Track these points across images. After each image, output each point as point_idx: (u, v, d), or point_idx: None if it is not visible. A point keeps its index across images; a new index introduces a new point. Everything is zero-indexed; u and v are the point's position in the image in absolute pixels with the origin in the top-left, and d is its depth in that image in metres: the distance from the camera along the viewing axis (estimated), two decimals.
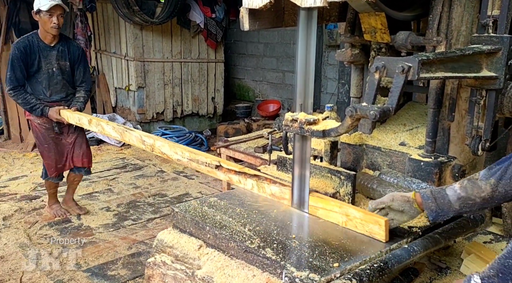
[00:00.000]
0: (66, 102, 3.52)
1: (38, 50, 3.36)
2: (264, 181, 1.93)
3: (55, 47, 3.42)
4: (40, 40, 3.38)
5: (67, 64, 3.49)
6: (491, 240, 2.10)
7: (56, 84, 3.48)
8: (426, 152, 1.96)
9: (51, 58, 3.41)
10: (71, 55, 3.51)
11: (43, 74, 3.41)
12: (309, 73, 1.71)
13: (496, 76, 1.64)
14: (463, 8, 1.79)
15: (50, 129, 3.51)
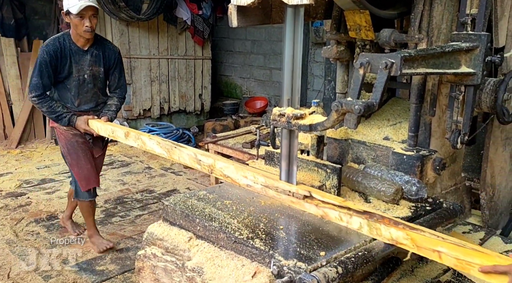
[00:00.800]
0: (95, 112, 3.09)
1: (69, 54, 2.91)
2: (380, 221, 1.52)
3: (89, 51, 2.96)
4: (72, 42, 2.92)
5: (100, 70, 3.03)
6: (470, 230, 2.19)
7: (87, 93, 3.03)
8: (409, 146, 2.03)
9: (84, 64, 2.96)
10: (106, 59, 3.04)
11: (73, 80, 2.98)
12: (296, 69, 1.76)
13: (474, 72, 1.71)
14: (444, 7, 1.86)
15: (78, 135, 3.05)
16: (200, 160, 2.09)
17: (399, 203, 1.88)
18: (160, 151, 2.36)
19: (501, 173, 2.32)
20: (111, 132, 2.83)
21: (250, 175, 1.90)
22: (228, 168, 1.97)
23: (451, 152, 2.19)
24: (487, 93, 1.91)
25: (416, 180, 1.91)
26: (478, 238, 2.12)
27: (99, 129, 2.93)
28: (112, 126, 2.84)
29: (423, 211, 1.82)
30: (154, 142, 2.39)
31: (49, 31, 7.20)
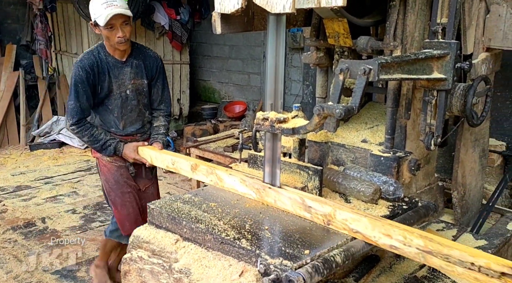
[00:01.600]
0: (142, 134, 2.71)
1: (107, 68, 2.53)
2: None
3: (128, 62, 2.57)
4: (108, 54, 2.53)
5: (144, 83, 2.64)
6: (443, 228, 2.30)
7: (131, 112, 2.63)
8: (386, 148, 2.12)
9: (124, 78, 2.57)
10: (148, 70, 2.66)
11: (115, 99, 2.58)
12: (278, 75, 1.82)
13: (445, 78, 1.82)
14: (416, 16, 1.96)
15: (123, 168, 2.66)
16: (311, 207, 1.69)
17: (378, 203, 1.96)
18: (245, 191, 1.94)
19: (471, 173, 2.44)
20: (170, 163, 2.32)
21: (398, 234, 1.38)
22: (358, 221, 1.53)
23: (425, 153, 2.29)
24: (457, 97, 2.02)
25: (393, 181, 2.00)
26: (451, 235, 2.23)
27: (154, 158, 2.49)
28: (172, 156, 2.34)
29: (400, 209, 1.91)
30: (237, 180, 1.95)
31: (22, 35, 7.08)
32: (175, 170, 2.32)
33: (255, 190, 1.91)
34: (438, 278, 1.84)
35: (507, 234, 2.27)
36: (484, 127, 2.46)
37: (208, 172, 2.10)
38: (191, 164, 2.20)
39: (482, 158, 2.52)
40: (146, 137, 2.72)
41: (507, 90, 3.22)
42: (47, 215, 3.93)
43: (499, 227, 2.34)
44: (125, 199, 2.67)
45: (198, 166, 2.16)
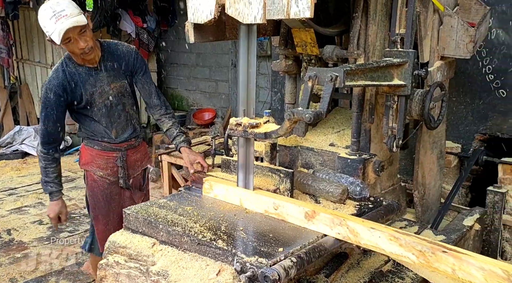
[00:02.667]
0: (136, 139, 2.59)
1: (80, 80, 2.34)
2: None
3: (102, 67, 2.38)
4: (77, 65, 2.35)
5: (125, 84, 2.46)
6: (406, 225, 2.44)
7: (119, 118, 2.47)
8: (352, 150, 2.24)
9: (102, 84, 2.39)
10: (126, 68, 2.45)
11: (99, 109, 2.42)
12: (250, 82, 1.90)
13: (405, 84, 1.96)
14: (377, 27, 2.10)
15: (114, 184, 2.53)
16: None
17: (345, 203, 2.06)
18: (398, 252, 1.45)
19: (430, 174, 2.61)
20: (271, 208, 1.84)
21: None
22: None
23: (388, 155, 2.43)
24: (416, 102, 2.17)
25: (359, 181, 2.12)
26: (413, 231, 2.37)
27: (245, 200, 1.94)
28: (273, 198, 1.86)
29: (366, 208, 2.02)
30: (383, 236, 1.46)
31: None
32: (278, 216, 1.84)
33: (416, 253, 1.42)
34: (401, 272, 1.97)
35: (463, 230, 2.44)
36: (441, 130, 2.63)
37: (333, 222, 1.65)
38: (306, 211, 1.74)
39: (440, 159, 2.70)
40: (140, 141, 2.62)
41: (461, 95, 3.45)
42: (12, 226, 3.82)
43: (456, 223, 2.51)
44: (109, 217, 2.54)
45: (318, 214, 1.71)
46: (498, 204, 2.88)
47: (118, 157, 2.52)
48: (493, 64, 3.27)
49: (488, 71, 3.29)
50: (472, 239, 2.57)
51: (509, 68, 3.23)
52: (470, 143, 3.43)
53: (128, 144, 2.55)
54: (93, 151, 2.51)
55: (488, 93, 3.33)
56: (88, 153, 2.52)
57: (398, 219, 2.56)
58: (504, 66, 3.25)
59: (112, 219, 2.53)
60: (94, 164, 2.52)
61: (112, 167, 2.51)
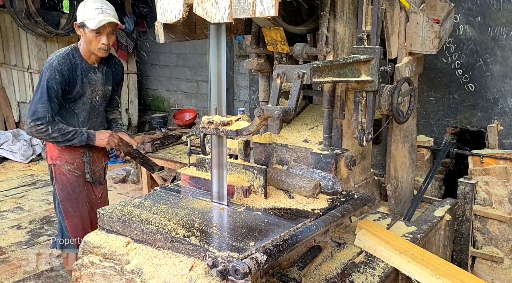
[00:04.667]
0: None
1: (81, 72, 2.49)
2: None
3: (100, 68, 2.58)
4: (82, 58, 2.51)
5: (109, 89, 2.67)
6: (379, 218, 2.51)
7: (97, 117, 2.64)
8: (324, 146, 2.29)
9: (96, 83, 2.57)
10: (115, 76, 2.70)
11: (84, 104, 2.55)
12: (221, 80, 1.93)
13: (372, 80, 2.01)
14: (345, 24, 2.16)
15: (81, 177, 2.62)
16: None
17: (318, 197, 2.11)
18: None
19: (402, 167, 2.68)
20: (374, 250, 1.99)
21: None
22: None
23: (360, 150, 2.49)
24: (385, 97, 2.23)
25: (331, 176, 2.17)
26: (386, 223, 2.43)
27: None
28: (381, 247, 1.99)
29: (338, 202, 2.07)
30: None
31: None
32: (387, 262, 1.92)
33: None
34: (373, 262, 2.02)
35: (434, 220, 2.51)
36: (411, 124, 2.71)
37: None
38: None
39: (412, 153, 2.77)
40: None
41: (431, 90, 3.54)
42: None
43: (427, 214, 2.58)
44: (79, 209, 2.61)
45: None
46: (468, 195, 2.97)
47: (84, 153, 2.62)
48: (461, 60, 3.37)
49: (457, 66, 3.39)
50: (443, 229, 2.65)
51: (476, 63, 3.33)
52: (442, 136, 3.53)
53: None
54: (60, 146, 2.57)
55: (457, 88, 3.43)
56: (55, 148, 2.60)
57: (372, 212, 2.63)
58: (472, 61, 3.35)
59: (82, 212, 2.63)
60: (61, 158, 2.60)
61: (78, 162, 2.61)
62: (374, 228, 2.24)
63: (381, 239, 2.14)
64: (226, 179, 2.02)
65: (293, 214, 1.93)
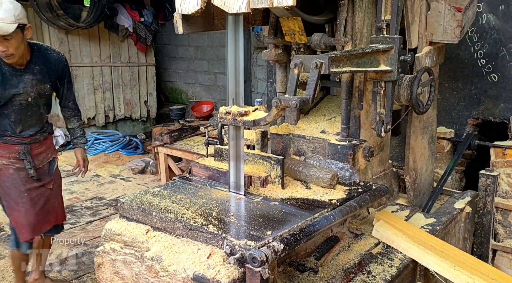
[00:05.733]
0: (41, 134, 2.62)
1: (1, 78, 2.39)
2: None
3: (29, 69, 2.44)
4: (3, 64, 2.39)
5: (46, 87, 2.54)
6: (397, 209, 2.49)
7: (30, 117, 2.53)
8: (342, 137, 2.28)
9: (26, 86, 2.45)
10: (53, 73, 2.55)
11: (13, 105, 2.46)
12: (239, 71, 1.94)
13: (391, 70, 1.99)
14: (364, 14, 2.13)
15: (21, 170, 2.51)
16: None
17: (335, 188, 2.11)
18: None
19: (422, 159, 2.64)
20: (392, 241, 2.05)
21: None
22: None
23: (378, 141, 2.47)
24: (404, 88, 2.20)
25: (349, 167, 2.16)
26: (404, 215, 2.41)
27: None
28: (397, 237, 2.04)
29: (356, 193, 2.07)
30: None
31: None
32: None
33: None
34: (391, 253, 2.01)
35: (454, 212, 2.48)
36: (431, 115, 2.66)
37: None
38: None
39: (431, 144, 2.73)
40: (46, 135, 2.67)
41: (453, 81, 3.47)
42: None
43: (447, 206, 2.55)
44: (22, 204, 2.51)
45: None
46: (490, 187, 2.92)
47: (21, 150, 2.54)
48: (484, 49, 3.29)
49: (480, 56, 3.31)
50: (463, 222, 2.61)
51: (500, 53, 3.25)
52: (463, 128, 3.46)
53: (32, 138, 2.58)
54: None
55: (480, 78, 3.35)
56: None
57: (390, 203, 2.61)
58: (495, 50, 3.27)
59: (27, 207, 2.52)
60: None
61: (15, 157, 2.53)
62: (392, 219, 2.23)
63: (399, 230, 2.13)
64: (244, 169, 2.03)
65: (310, 204, 1.93)
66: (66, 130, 6.63)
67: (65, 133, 6.58)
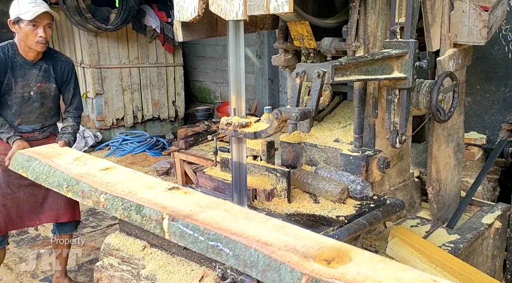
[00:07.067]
0: (41, 133, 2.74)
1: (11, 66, 2.54)
2: None
3: (37, 65, 2.62)
4: (17, 53, 2.57)
5: (52, 87, 2.68)
6: (418, 224, 2.31)
7: (30, 113, 2.66)
8: (355, 147, 2.14)
9: (30, 79, 2.60)
10: (59, 74, 2.69)
11: (16, 97, 2.60)
12: (240, 80, 1.84)
13: (406, 77, 1.83)
14: (377, 16, 1.97)
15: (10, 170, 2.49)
16: None
17: (346, 202, 1.97)
18: None
19: (446, 168, 2.45)
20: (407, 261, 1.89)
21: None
22: None
23: (397, 150, 2.30)
24: (424, 94, 2.03)
25: (360, 180, 2.02)
26: (424, 231, 2.24)
27: None
28: None
29: (367, 208, 1.92)
30: None
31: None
32: None
33: None
34: None
35: (481, 228, 2.28)
36: (457, 121, 2.46)
37: None
38: None
39: (458, 153, 2.53)
40: (46, 135, 2.75)
41: (485, 82, 3.21)
42: None
43: (473, 221, 2.35)
44: (5, 201, 2.63)
45: None
46: None
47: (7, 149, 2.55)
48: None
49: None
50: (492, 238, 2.40)
51: None
52: (497, 133, 3.20)
53: (30, 136, 2.68)
54: None
55: None
56: None
57: (411, 216, 2.44)
58: None
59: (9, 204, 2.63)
60: None
61: None
62: (409, 236, 2.07)
63: (415, 249, 1.97)
64: (247, 182, 1.94)
65: (315, 221, 1.82)
66: (96, 131, 6.81)
67: (95, 133, 6.73)
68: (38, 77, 2.63)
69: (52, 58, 2.69)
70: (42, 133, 2.74)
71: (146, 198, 1.60)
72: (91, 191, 1.77)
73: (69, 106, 2.82)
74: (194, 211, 1.48)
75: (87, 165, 2.05)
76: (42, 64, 2.64)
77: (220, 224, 1.37)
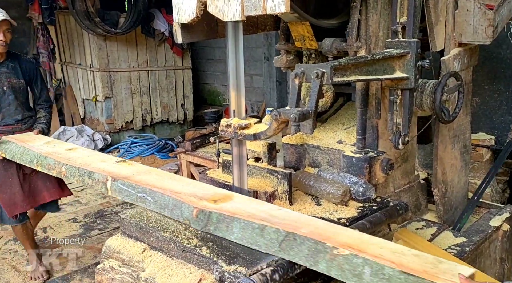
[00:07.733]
0: (23, 124, 3.12)
1: None
2: None
3: (4, 64, 3.05)
4: None
5: (20, 82, 3.10)
6: (423, 226, 2.27)
7: (9, 106, 3.06)
8: (357, 148, 2.11)
9: (0, 77, 3.03)
10: (25, 72, 3.13)
11: None
12: (240, 81, 1.83)
13: (408, 77, 1.80)
14: (379, 15, 1.94)
15: None
16: None
17: (348, 204, 1.95)
18: None
19: (453, 170, 2.40)
20: None
21: None
22: None
23: (402, 151, 2.26)
24: (427, 95, 1.99)
25: (363, 181, 1.99)
26: (430, 233, 2.19)
27: None
28: None
29: (369, 210, 1.90)
30: None
31: (28, 49, 7.26)
32: None
33: None
34: None
35: (488, 231, 2.23)
36: (463, 122, 2.42)
37: None
38: None
39: (464, 154, 2.48)
40: (29, 126, 3.11)
41: (494, 82, 3.15)
42: (48, 224, 4.03)
43: (480, 224, 2.30)
44: (8, 183, 2.94)
45: None
46: None
47: None
48: None
49: None
50: (500, 241, 2.35)
51: None
52: (506, 134, 3.13)
53: (14, 127, 3.08)
54: None
55: None
56: None
57: (416, 219, 2.39)
58: None
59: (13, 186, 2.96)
60: None
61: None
62: (413, 239, 2.03)
63: None
64: (247, 184, 1.92)
65: None
66: (105, 134, 6.86)
67: (104, 136, 6.79)
68: (6, 74, 3.04)
69: (17, 58, 3.14)
70: (24, 124, 3.11)
71: (97, 167, 2.05)
72: (55, 164, 2.23)
73: (39, 99, 3.23)
74: (131, 175, 1.93)
75: (56, 147, 2.51)
76: (9, 63, 3.07)
77: (149, 182, 1.82)
